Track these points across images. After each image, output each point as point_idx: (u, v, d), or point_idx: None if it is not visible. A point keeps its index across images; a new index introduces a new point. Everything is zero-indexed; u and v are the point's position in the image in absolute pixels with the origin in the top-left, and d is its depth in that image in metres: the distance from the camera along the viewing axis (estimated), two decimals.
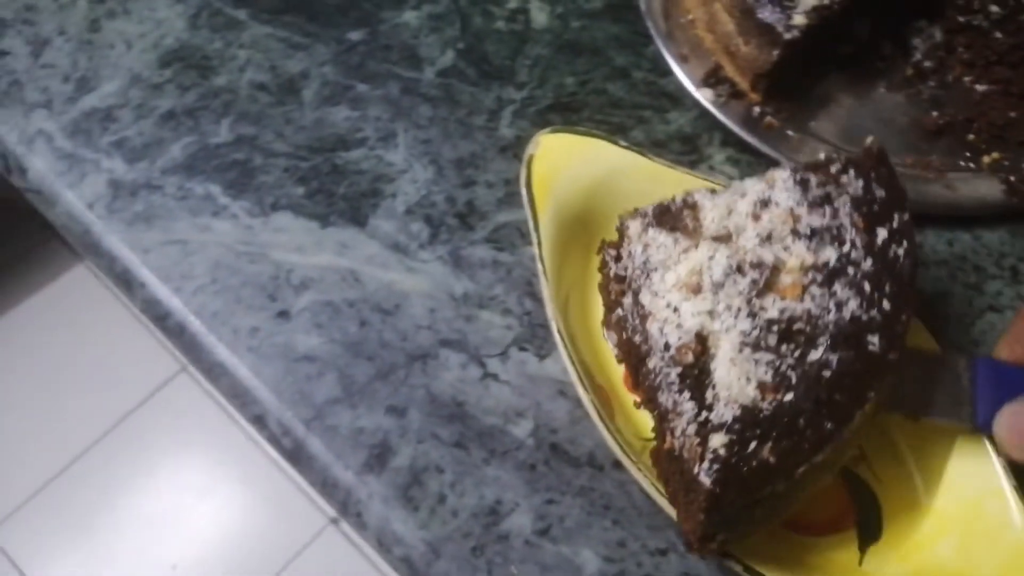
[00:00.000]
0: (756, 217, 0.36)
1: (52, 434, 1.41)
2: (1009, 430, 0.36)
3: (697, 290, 0.35)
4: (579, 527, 0.39)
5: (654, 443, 0.38)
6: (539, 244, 0.42)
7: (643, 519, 0.39)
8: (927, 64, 0.52)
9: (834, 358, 0.33)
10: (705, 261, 0.35)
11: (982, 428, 0.37)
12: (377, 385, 0.42)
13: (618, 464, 0.40)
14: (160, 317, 0.44)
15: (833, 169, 0.38)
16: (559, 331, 0.40)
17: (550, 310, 0.40)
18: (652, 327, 0.36)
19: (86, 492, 1.36)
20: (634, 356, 0.38)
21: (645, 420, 0.39)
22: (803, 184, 0.37)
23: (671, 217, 0.38)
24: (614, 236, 0.45)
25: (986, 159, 0.49)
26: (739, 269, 0.35)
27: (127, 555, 1.32)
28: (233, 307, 0.44)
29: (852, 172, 0.37)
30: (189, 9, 0.53)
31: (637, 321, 0.38)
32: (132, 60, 0.51)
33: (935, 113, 0.51)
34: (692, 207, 0.38)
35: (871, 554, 0.38)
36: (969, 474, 0.38)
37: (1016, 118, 0.50)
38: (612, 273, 0.40)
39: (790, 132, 0.50)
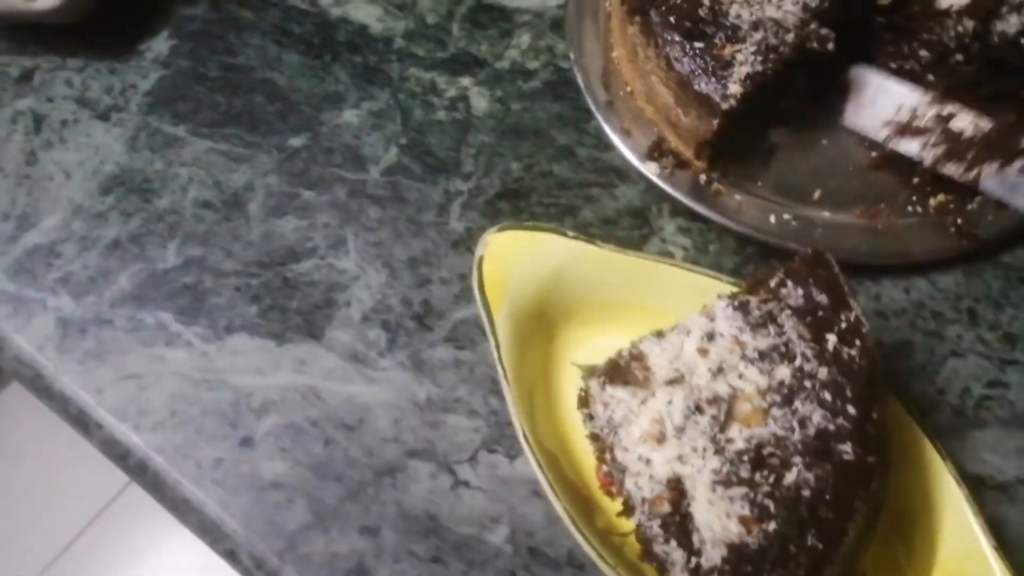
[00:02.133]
0: (704, 352, 0.36)
1: (37, 527, 1.38)
2: None
3: (662, 439, 0.35)
4: None
5: (632, 536, 0.38)
6: (497, 347, 0.41)
7: None
8: None
9: (810, 476, 0.33)
10: (664, 408, 0.35)
11: None
12: (348, 506, 0.41)
13: None
14: (120, 457, 0.43)
15: (772, 283, 0.38)
16: (525, 437, 0.39)
17: (514, 415, 0.40)
18: (629, 483, 0.36)
19: None
20: (627, 511, 0.38)
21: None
22: (743, 308, 0.37)
23: (622, 372, 0.38)
24: (572, 327, 0.44)
25: (932, 202, 0.50)
26: (697, 409, 0.35)
27: None
28: (194, 439, 0.43)
29: (790, 283, 0.37)
30: (127, 132, 0.53)
31: (620, 477, 0.37)
32: (72, 190, 0.51)
33: (874, 154, 0.51)
34: (639, 358, 0.38)
35: None
36: (949, 538, 0.38)
37: None
38: (589, 432, 0.40)
39: (738, 196, 0.50)
